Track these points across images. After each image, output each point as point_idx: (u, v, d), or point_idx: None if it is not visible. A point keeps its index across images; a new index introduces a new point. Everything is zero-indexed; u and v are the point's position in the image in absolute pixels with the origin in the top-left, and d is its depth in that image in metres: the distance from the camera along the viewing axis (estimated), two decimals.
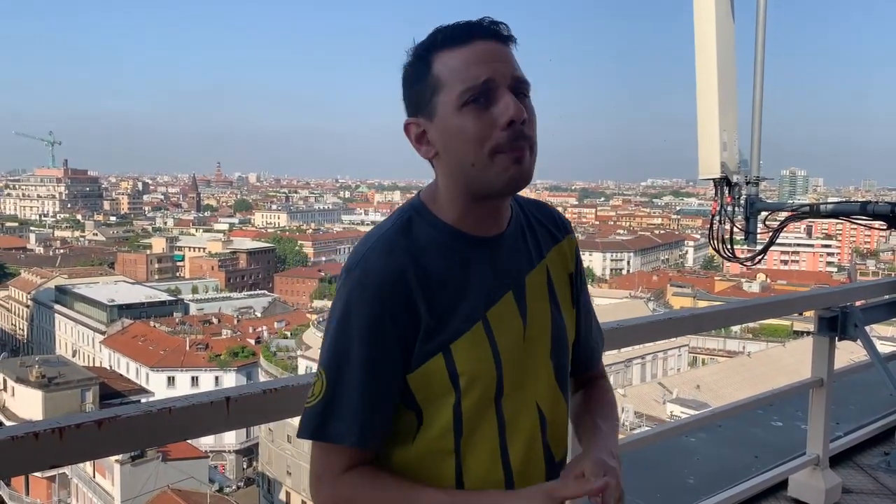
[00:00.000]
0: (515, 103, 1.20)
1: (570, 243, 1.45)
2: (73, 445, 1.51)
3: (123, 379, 46.67)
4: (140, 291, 71.59)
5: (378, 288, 1.23)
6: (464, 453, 1.28)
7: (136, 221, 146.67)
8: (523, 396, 1.31)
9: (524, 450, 1.31)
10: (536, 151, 1.25)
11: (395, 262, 1.24)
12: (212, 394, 1.73)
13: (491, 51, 1.22)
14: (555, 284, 1.39)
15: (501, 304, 1.30)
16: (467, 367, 1.26)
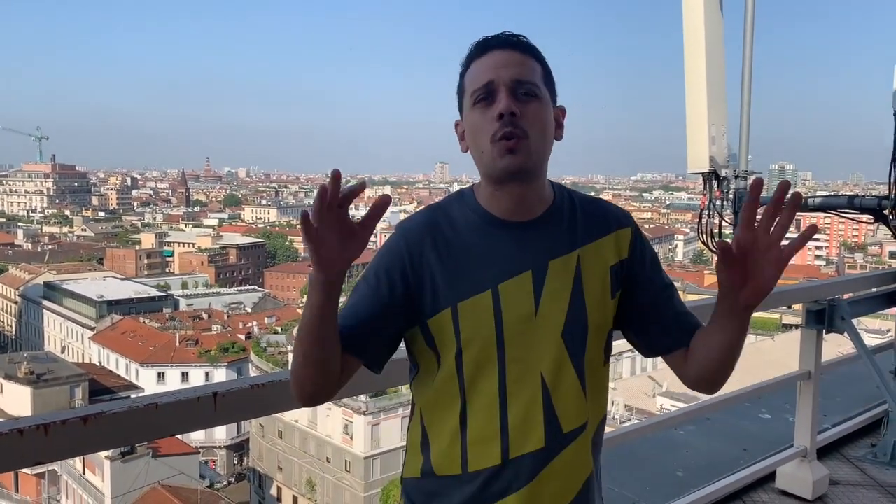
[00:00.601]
0: (506, 99, 1.43)
1: (622, 235, 1.57)
2: (59, 442, 1.50)
3: (113, 375, 46.47)
4: (129, 287, 71.26)
5: (403, 236, 1.53)
6: (468, 400, 1.49)
7: (124, 217, 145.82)
8: (526, 367, 1.47)
9: (523, 412, 1.47)
10: (539, 142, 1.46)
11: (425, 222, 1.54)
12: (199, 389, 1.72)
13: (500, 58, 1.47)
14: (585, 274, 1.52)
15: (516, 281, 1.48)
16: (467, 326, 1.47)
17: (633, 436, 3.14)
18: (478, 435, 1.48)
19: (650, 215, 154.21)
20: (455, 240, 1.50)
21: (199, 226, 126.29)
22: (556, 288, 1.49)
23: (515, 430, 1.47)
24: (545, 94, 1.49)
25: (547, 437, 1.48)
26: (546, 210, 1.54)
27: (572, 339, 1.49)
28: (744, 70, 5.62)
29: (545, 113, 1.48)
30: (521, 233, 1.51)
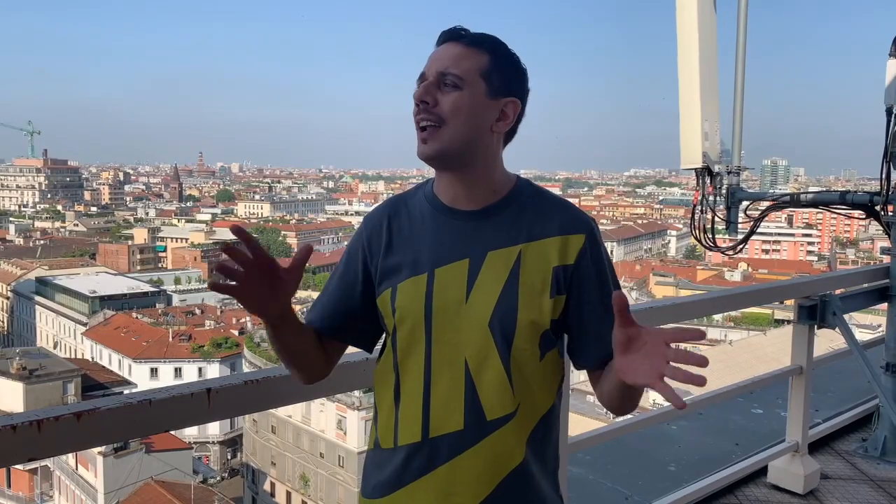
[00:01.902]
0: (420, 89, 1.51)
1: (572, 240, 1.56)
2: (52, 438, 1.50)
3: (106, 371, 46.33)
4: (122, 282, 71.01)
5: (364, 223, 1.66)
6: (400, 376, 1.57)
7: (117, 212, 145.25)
8: (451, 350, 1.53)
9: (445, 393, 1.53)
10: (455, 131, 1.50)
11: (384, 209, 1.65)
12: (193, 385, 1.72)
13: (440, 52, 1.54)
14: (524, 269, 1.53)
15: (452, 267, 1.54)
16: (401, 305, 1.55)
17: (625, 431, 3.15)
18: (406, 411, 1.55)
19: (643, 211, 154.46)
20: (407, 225, 1.60)
21: (192, 221, 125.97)
22: (490, 279, 1.52)
23: (437, 410, 1.52)
24: (477, 85, 1.51)
25: (467, 420, 1.51)
26: (496, 202, 1.57)
27: (499, 331, 1.50)
28: (737, 66, 5.63)
29: (468, 103, 1.50)
30: (466, 222, 1.56)
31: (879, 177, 4.90)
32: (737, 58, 5.60)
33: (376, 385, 1.64)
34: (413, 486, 1.54)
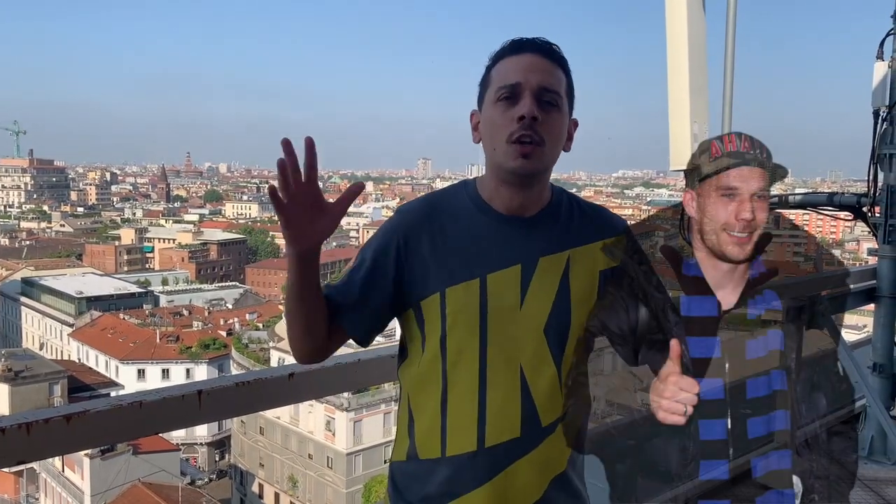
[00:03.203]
0: (530, 104, 1.46)
1: (616, 243, 1.59)
2: (41, 441, 1.49)
3: (92, 372, 46.01)
4: (109, 283, 70.53)
5: (402, 219, 1.58)
6: (449, 383, 1.52)
7: (104, 212, 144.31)
8: (506, 357, 1.50)
9: (501, 401, 1.50)
10: (552, 150, 1.49)
11: (424, 207, 1.58)
12: (183, 387, 1.72)
13: (531, 62, 1.49)
14: (573, 274, 1.54)
15: (505, 273, 1.51)
16: (453, 310, 1.50)
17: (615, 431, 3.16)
18: (457, 419, 1.51)
19: (631, 212, 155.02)
20: (451, 227, 1.55)
21: (180, 221, 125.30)
22: (543, 284, 1.52)
23: (493, 418, 1.50)
24: (565, 105, 1.52)
25: (524, 427, 1.50)
26: (543, 209, 1.57)
27: (554, 336, 1.51)
28: (725, 68, 5.66)
29: (562, 124, 1.51)
30: (517, 228, 1.54)
31: (867, 178, 4.94)
32: (725, 60, 5.62)
33: (413, 393, 1.58)
34: (467, 498, 1.51)
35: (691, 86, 5.39)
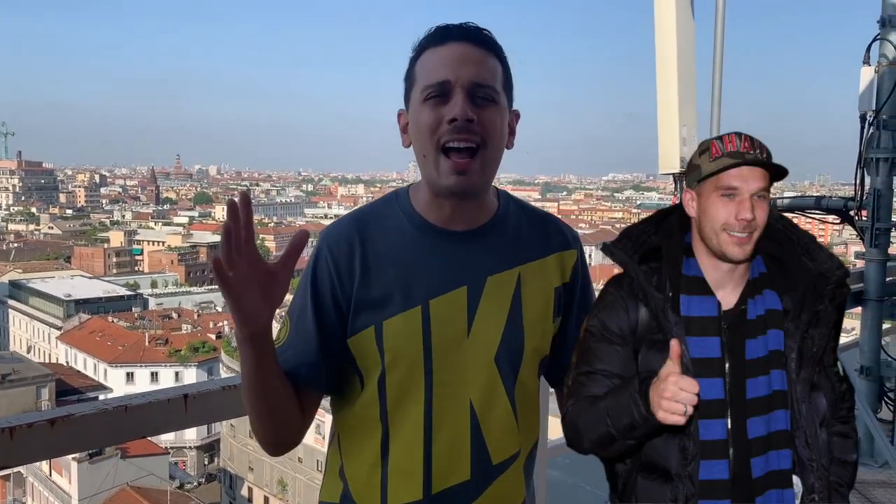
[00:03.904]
0: (462, 104, 1.27)
1: (565, 257, 1.47)
2: (25, 445, 1.48)
3: (81, 375, 45.75)
4: (97, 286, 70.16)
5: (328, 248, 1.37)
6: (391, 427, 1.36)
7: (93, 215, 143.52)
8: (454, 392, 1.35)
9: (449, 442, 1.35)
10: (493, 154, 1.32)
11: (351, 230, 1.37)
12: (170, 391, 1.71)
13: (459, 54, 1.30)
14: (525, 294, 1.40)
15: (449, 297, 1.34)
16: (392, 346, 1.33)
17: None
18: (399, 466, 1.35)
19: (621, 215, 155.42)
20: (385, 249, 1.35)
21: (169, 224, 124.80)
22: (493, 307, 1.36)
23: (440, 462, 1.34)
24: (503, 98, 1.34)
25: (473, 469, 1.36)
26: (489, 220, 1.40)
27: (506, 364, 1.37)
28: (714, 72, 5.69)
29: (501, 121, 1.33)
30: (460, 244, 1.37)
31: (854, 182, 4.98)
32: (714, 64, 5.65)
33: (346, 438, 1.41)
34: None
35: (680, 90, 5.41)
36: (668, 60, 5.48)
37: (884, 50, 4.97)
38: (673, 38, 5.45)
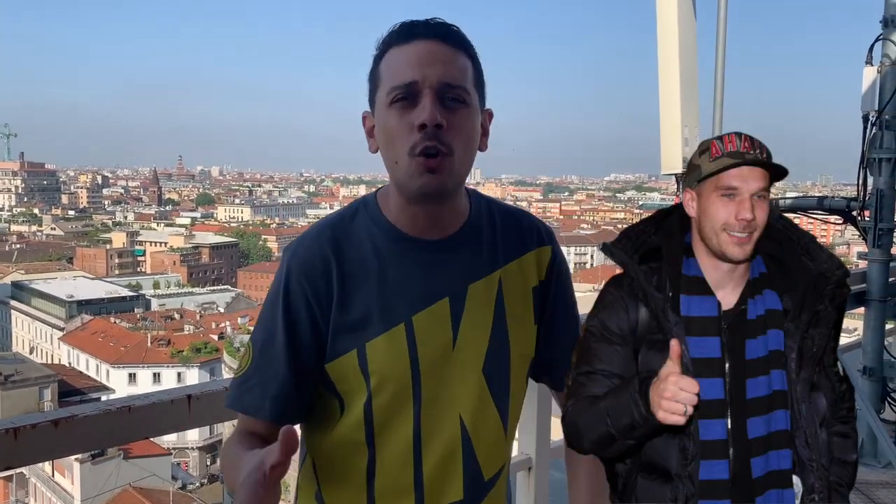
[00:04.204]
0: (431, 108, 1.19)
1: (541, 254, 1.42)
2: (29, 446, 1.48)
3: (83, 376, 45.81)
4: (100, 287, 70.24)
5: (300, 272, 1.27)
6: (377, 450, 1.29)
7: (95, 216, 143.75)
8: (443, 408, 1.30)
9: (440, 462, 1.30)
10: (464, 156, 1.25)
11: (321, 249, 1.28)
12: (173, 392, 1.71)
13: (426, 53, 1.22)
14: (506, 297, 1.36)
15: (432, 311, 1.28)
16: (378, 368, 1.26)
17: None
18: (388, 489, 1.29)
19: (623, 215, 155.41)
20: (359, 264, 1.28)
21: (172, 225, 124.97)
22: (476, 316, 1.31)
23: (431, 482, 1.29)
24: (474, 98, 1.27)
25: (466, 487, 1.32)
26: (462, 225, 1.34)
27: (494, 374, 1.33)
28: (716, 72, 5.68)
29: (473, 122, 1.26)
30: (435, 253, 1.30)
31: (856, 182, 4.97)
32: (716, 64, 5.65)
33: (325, 465, 1.34)
34: None
35: (682, 90, 5.41)
36: (670, 60, 5.48)
37: (886, 50, 4.96)
38: (675, 38, 5.45)
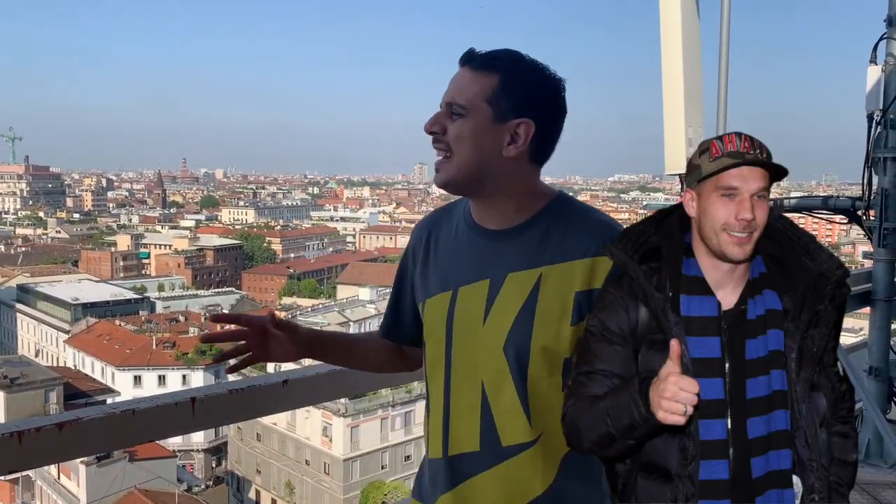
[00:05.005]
0: (429, 121, 1.51)
1: (597, 263, 1.49)
2: (33, 449, 1.48)
3: (88, 379, 45.90)
4: (105, 290, 70.42)
5: (413, 233, 1.71)
6: (429, 386, 1.61)
7: (100, 218, 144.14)
8: (469, 371, 1.52)
9: (462, 414, 1.53)
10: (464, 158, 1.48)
11: (427, 222, 1.70)
12: (177, 394, 1.71)
13: (454, 78, 1.52)
14: (543, 293, 1.48)
15: (474, 287, 1.52)
16: (428, 319, 1.59)
17: None
18: (433, 425, 1.59)
19: (627, 216, 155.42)
20: (445, 239, 1.61)
21: (176, 227, 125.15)
22: (508, 302, 1.49)
23: (455, 429, 1.54)
24: (481, 111, 1.46)
25: (482, 443, 1.50)
26: (522, 222, 1.52)
27: (514, 356, 1.48)
28: (720, 71, 5.67)
29: (473, 129, 1.46)
30: (491, 241, 1.53)
31: (861, 182, 4.95)
32: (720, 64, 5.64)
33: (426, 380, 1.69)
34: (442, 500, 1.56)
35: (686, 90, 5.40)
36: (674, 60, 5.47)
37: (890, 49, 4.94)
38: (678, 37, 5.44)
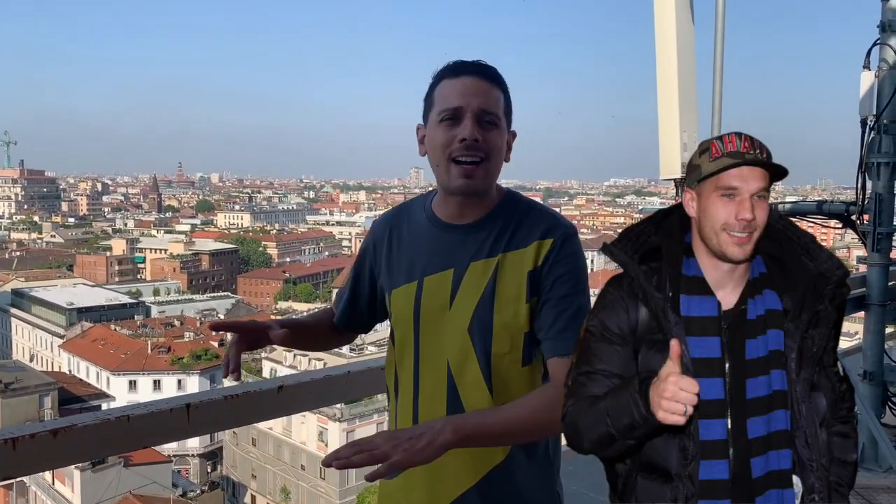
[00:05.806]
0: (471, 128, 1.61)
1: (542, 245, 1.66)
2: (28, 456, 1.48)
3: (83, 383, 45.70)
4: (100, 294, 70.21)
5: (372, 230, 1.87)
6: (398, 370, 1.76)
7: (95, 223, 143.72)
8: (436, 353, 1.68)
9: (430, 392, 1.68)
10: (494, 165, 1.65)
11: (388, 218, 1.85)
12: (172, 400, 1.71)
13: (470, 85, 1.63)
14: (501, 277, 1.65)
15: (439, 276, 1.69)
16: (395, 309, 1.75)
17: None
18: (402, 403, 1.73)
19: (623, 220, 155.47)
20: (406, 235, 1.77)
21: (171, 232, 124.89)
22: (471, 287, 1.66)
23: (424, 406, 1.69)
24: (503, 122, 1.66)
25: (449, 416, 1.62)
26: (482, 217, 1.70)
27: (478, 334, 1.64)
28: (714, 77, 5.69)
29: (501, 140, 1.66)
30: (455, 235, 1.70)
31: (855, 187, 4.97)
32: (714, 69, 5.66)
33: (387, 373, 1.82)
34: (409, 473, 1.61)
35: (680, 95, 5.42)
36: (669, 65, 5.48)
37: (884, 54, 4.96)
38: (673, 42, 5.46)
